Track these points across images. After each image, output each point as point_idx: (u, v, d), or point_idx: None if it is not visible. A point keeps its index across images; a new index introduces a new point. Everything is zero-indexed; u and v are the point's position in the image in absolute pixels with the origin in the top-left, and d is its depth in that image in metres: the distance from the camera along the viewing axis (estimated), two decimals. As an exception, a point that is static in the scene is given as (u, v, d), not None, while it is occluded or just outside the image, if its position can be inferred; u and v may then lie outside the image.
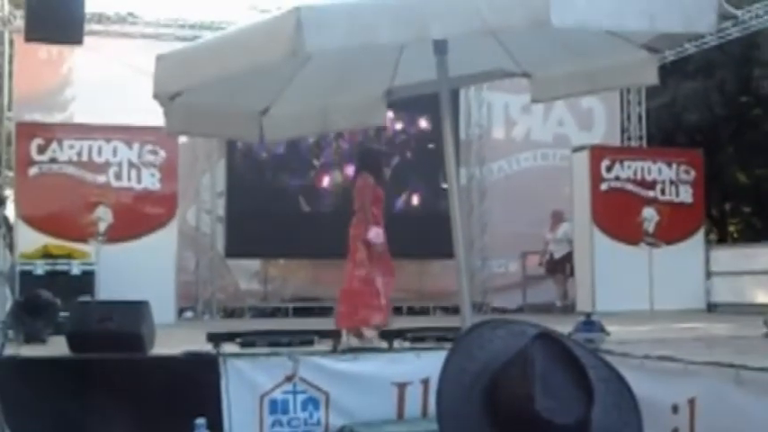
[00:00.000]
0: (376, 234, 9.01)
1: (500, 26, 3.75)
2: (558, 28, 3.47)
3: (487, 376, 2.03)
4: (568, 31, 4.04)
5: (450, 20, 3.67)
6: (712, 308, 16.25)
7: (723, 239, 32.28)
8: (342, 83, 5.45)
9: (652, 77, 5.14)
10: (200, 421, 5.48)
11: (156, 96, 4.83)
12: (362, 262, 9.01)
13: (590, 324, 8.26)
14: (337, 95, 5.61)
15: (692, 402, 6.58)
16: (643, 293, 15.23)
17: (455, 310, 16.84)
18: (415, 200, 17.13)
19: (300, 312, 16.42)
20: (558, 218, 16.55)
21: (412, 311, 16.95)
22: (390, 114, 16.49)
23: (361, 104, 5.74)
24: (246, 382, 7.79)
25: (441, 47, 4.45)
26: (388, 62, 5.29)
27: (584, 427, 1.97)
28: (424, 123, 17.13)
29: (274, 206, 16.19)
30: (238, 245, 16.17)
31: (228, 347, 8.04)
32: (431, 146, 16.56)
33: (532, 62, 5.31)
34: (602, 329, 8.24)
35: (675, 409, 6.70)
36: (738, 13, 4.24)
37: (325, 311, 16.49)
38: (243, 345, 8.14)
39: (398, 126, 17.19)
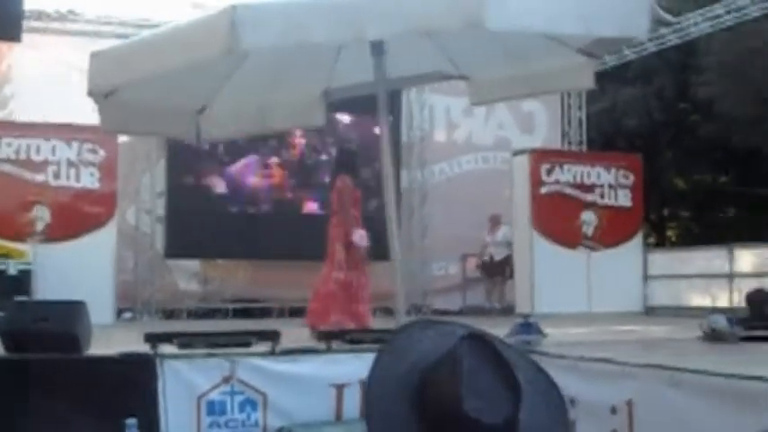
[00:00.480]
0: (360, 237, 8.99)
1: (435, 28, 3.77)
2: (494, 31, 3.49)
3: (416, 376, 2.03)
4: (507, 35, 4.08)
5: (386, 21, 3.67)
6: (650, 311, 16.45)
7: (661, 243, 32.68)
8: (280, 83, 5.43)
9: (589, 82, 5.19)
10: (131, 421, 5.40)
11: (90, 94, 4.77)
12: (341, 264, 8.98)
13: (527, 326, 8.30)
14: (276, 95, 5.58)
15: (629, 404, 6.63)
16: (581, 296, 15.38)
17: (396, 312, 16.93)
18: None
19: (240, 313, 16.36)
20: (495, 221, 16.68)
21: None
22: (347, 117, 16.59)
23: (300, 105, 5.73)
24: (183, 384, 7.72)
25: (378, 48, 4.46)
26: (327, 63, 5.29)
27: (512, 427, 1.97)
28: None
29: (214, 207, 16.12)
30: (178, 245, 16.06)
31: (166, 348, 7.96)
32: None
33: (471, 65, 5.33)
34: (540, 331, 8.28)
35: (614, 410, 6.74)
36: (673, 19, 4.27)
37: (265, 312, 16.48)
38: (180, 346, 8.05)
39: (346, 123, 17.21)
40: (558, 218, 15.69)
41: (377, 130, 16.75)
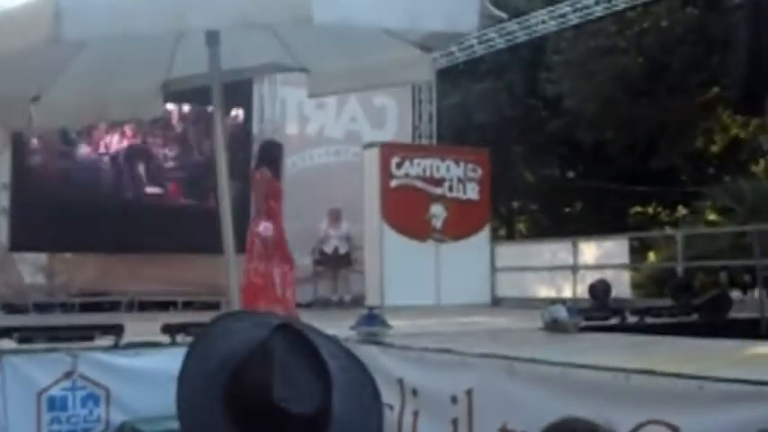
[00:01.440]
0: (265, 228, 8.96)
1: (262, 20, 3.78)
2: (319, 25, 3.52)
3: (228, 368, 2.03)
4: (344, 28, 4.09)
5: (211, 12, 3.65)
6: (497, 302, 16.77)
7: (511, 236, 33.34)
8: (118, 73, 5.35)
9: (425, 75, 5.29)
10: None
11: None
12: (260, 255, 8.92)
13: (372, 318, 8.35)
14: (113, 85, 5.49)
15: (469, 393, 6.73)
16: (430, 288, 15.59)
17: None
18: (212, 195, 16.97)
19: (88, 307, 15.98)
20: (335, 215, 16.75)
21: (204, 306, 16.76)
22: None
23: (138, 95, 5.65)
24: (23, 379, 7.51)
25: (212, 39, 4.43)
26: (165, 54, 5.23)
27: (324, 416, 1.99)
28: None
29: (61, 199, 15.75)
30: (23, 238, 15.64)
31: (5, 343, 7.74)
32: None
33: (310, 57, 5.35)
34: (384, 323, 8.34)
35: (454, 399, 6.82)
36: (504, 15, 4.34)
37: (114, 306, 16.16)
38: (20, 340, 7.83)
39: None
40: (407, 211, 15.84)
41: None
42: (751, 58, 15.11)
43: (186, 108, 16.74)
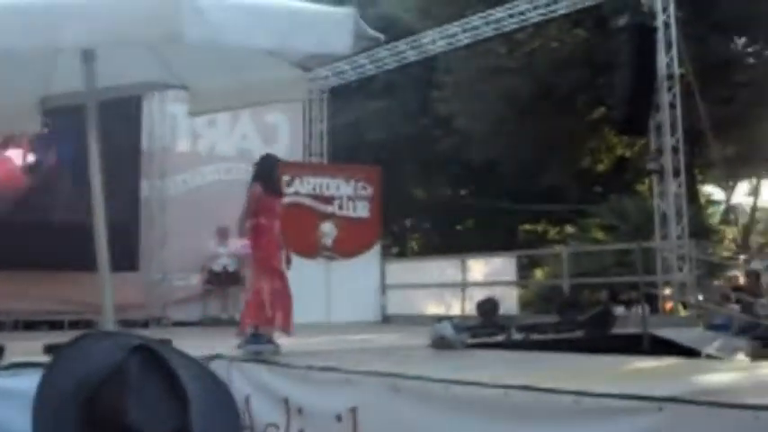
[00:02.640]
0: (242, 246, 8.78)
1: (135, 39, 3.75)
2: (190, 43, 3.51)
3: (84, 391, 2.00)
4: (216, 47, 4.08)
5: (84, 30, 3.61)
6: (387, 319, 16.81)
7: (404, 254, 33.53)
8: (-1, 86, 5.24)
9: (302, 94, 5.32)
10: None
11: None
12: (256, 272, 8.72)
13: (258, 336, 8.34)
14: (-8, 98, 5.38)
15: (353, 411, 6.73)
16: (321, 306, 15.58)
17: (134, 324, 16.58)
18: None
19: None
20: (223, 233, 16.63)
21: (91, 325, 16.46)
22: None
23: (16, 110, 5.55)
24: None
25: (88, 56, 4.38)
26: (42, 70, 5.14)
27: (181, 437, 1.98)
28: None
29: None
30: None
31: None
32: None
33: (190, 75, 5.32)
34: (271, 341, 8.34)
35: (339, 418, 6.82)
36: (382, 36, 4.33)
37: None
38: None
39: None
40: (297, 229, 15.65)
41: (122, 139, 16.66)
42: (634, 79, 15.59)
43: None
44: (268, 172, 8.98)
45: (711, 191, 36.50)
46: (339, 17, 4.10)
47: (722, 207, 36.24)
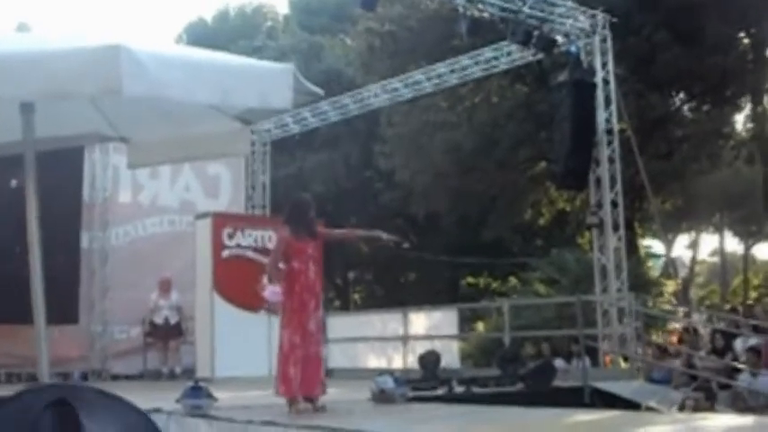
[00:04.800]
0: (271, 293, 8.39)
1: (74, 92, 3.73)
2: (129, 97, 3.52)
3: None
4: (154, 101, 4.08)
5: (22, 83, 3.60)
6: (329, 373, 16.64)
7: (346, 306, 33.48)
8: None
9: (244, 148, 5.33)
10: None
11: None
12: (282, 325, 8.41)
13: (197, 390, 8.22)
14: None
15: (289, 465, 6.71)
16: (263, 359, 15.38)
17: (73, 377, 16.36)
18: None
19: None
20: (165, 285, 16.51)
21: (30, 377, 16.19)
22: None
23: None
24: None
25: (27, 107, 4.35)
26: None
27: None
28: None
29: None
30: None
31: None
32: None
33: (130, 127, 5.30)
34: (210, 395, 8.23)
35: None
36: (321, 91, 4.37)
37: None
38: None
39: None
40: (239, 281, 15.60)
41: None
42: (574, 134, 15.80)
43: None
44: (298, 214, 8.68)
45: (651, 244, 36.97)
46: (278, 73, 4.14)
47: (662, 260, 36.67)
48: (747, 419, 8.44)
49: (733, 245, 45.18)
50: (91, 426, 1.98)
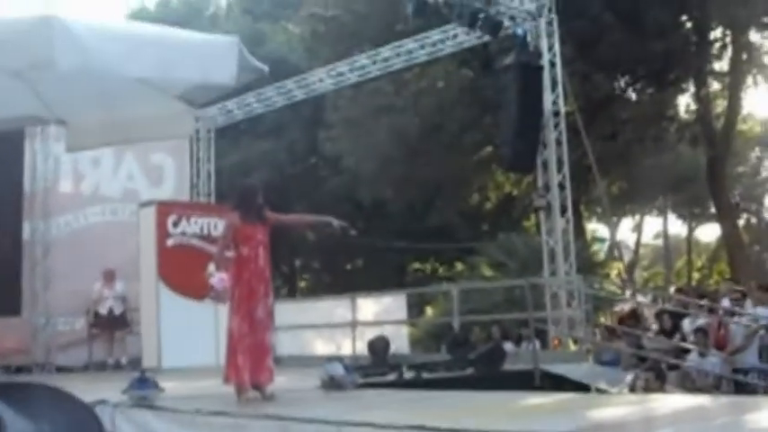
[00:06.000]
0: (218, 280, 8.11)
1: (5, 65, 3.55)
2: (63, 70, 3.35)
3: None
4: (104, 80, 3.93)
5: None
6: (277, 361, 16.48)
7: (293, 294, 33.38)
8: None
9: (187, 129, 5.16)
10: None
11: None
12: (230, 314, 8.15)
13: (144, 381, 8.07)
14: None
15: (243, 454, 6.57)
16: (210, 348, 15.18)
17: (17, 370, 16.09)
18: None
19: None
20: (109, 275, 16.29)
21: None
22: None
23: None
24: None
25: (-46, 88, 4.15)
26: None
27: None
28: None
29: None
30: None
31: None
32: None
33: (67, 110, 5.11)
34: (156, 386, 8.08)
35: (226, 465, 6.66)
36: (265, 68, 4.22)
37: None
38: None
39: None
40: (184, 270, 15.32)
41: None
42: (521, 117, 15.76)
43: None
44: (246, 199, 8.49)
45: (596, 227, 37.27)
46: (222, 46, 3.98)
47: (607, 243, 36.98)
48: (698, 399, 8.45)
49: (676, 227, 45.83)
50: (18, 421, 1.84)
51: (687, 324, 13.71)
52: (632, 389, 11.51)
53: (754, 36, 26.51)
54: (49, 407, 2.00)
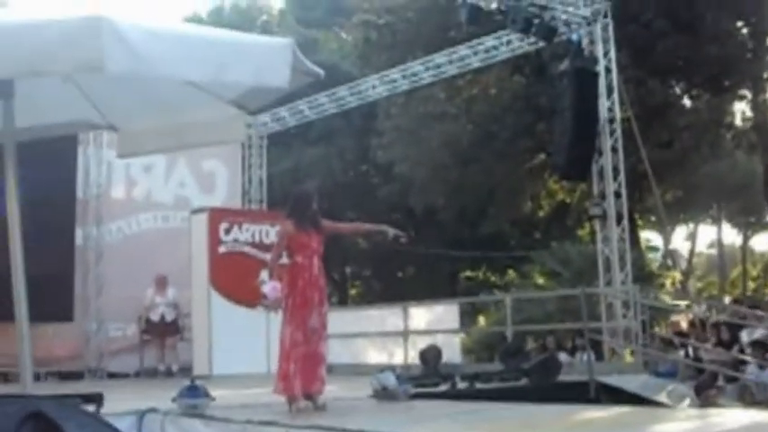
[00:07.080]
0: (271, 288, 8.01)
1: (53, 69, 3.45)
2: (112, 75, 3.24)
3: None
4: (156, 85, 3.83)
5: (-2, 59, 3.32)
6: (329, 369, 16.40)
7: (344, 302, 33.28)
8: None
9: (240, 135, 5.05)
10: None
11: None
12: (283, 321, 8.06)
13: (194, 389, 7.98)
14: None
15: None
16: (261, 356, 15.13)
17: (69, 376, 16.12)
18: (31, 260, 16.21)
19: None
20: (161, 282, 16.28)
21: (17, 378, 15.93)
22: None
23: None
24: None
25: (5, 92, 4.05)
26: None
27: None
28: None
29: None
30: None
31: None
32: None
33: (119, 115, 5.02)
34: (207, 394, 7.99)
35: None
36: (321, 72, 4.12)
37: None
38: None
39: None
40: (236, 277, 15.33)
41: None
42: (575, 124, 15.53)
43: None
44: (301, 207, 8.34)
45: (649, 236, 36.86)
46: (276, 48, 3.86)
47: (660, 253, 36.54)
48: (762, 414, 8.22)
49: (731, 236, 45.19)
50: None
51: (745, 335, 13.44)
52: (689, 402, 11.27)
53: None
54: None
